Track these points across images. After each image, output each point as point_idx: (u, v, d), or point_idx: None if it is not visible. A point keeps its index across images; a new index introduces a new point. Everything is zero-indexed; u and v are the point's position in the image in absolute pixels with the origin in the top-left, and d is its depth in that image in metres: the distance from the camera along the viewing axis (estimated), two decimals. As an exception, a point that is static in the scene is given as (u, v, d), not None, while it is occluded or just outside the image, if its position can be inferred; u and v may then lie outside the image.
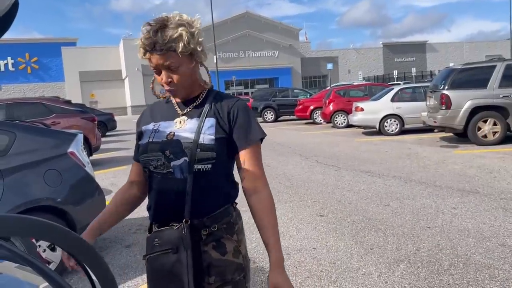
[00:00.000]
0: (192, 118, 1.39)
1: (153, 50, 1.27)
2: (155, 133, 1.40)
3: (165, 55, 1.28)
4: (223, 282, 1.37)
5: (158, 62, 1.29)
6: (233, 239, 1.42)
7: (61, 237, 0.70)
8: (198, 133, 1.34)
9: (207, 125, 1.35)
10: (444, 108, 9.09)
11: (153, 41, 1.26)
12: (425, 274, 3.11)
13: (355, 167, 7.44)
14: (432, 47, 53.50)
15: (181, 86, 1.36)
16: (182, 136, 1.35)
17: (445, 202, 4.90)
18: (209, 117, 1.37)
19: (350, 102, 14.18)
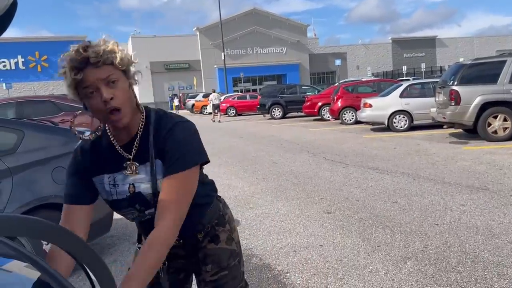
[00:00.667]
0: (142, 163, 1.29)
1: (87, 65, 1.16)
2: (115, 189, 1.32)
3: (101, 68, 1.17)
4: (220, 269, 1.47)
5: (96, 77, 1.16)
6: (226, 229, 1.52)
7: (61, 237, 0.71)
8: (154, 184, 1.28)
9: (159, 170, 1.28)
10: (454, 104, 9.00)
11: (85, 57, 1.15)
12: (432, 271, 3.09)
13: (363, 163, 7.40)
14: (442, 42, 52.96)
15: (123, 104, 1.21)
16: (142, 188, 1.30)
17: (453, 199, 4.86)
18: (157, 159, 1.28)
19: (358, 98, 14.10)
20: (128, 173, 1.30)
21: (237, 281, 1.52)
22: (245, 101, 26.79)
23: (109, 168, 1.33)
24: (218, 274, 1.48)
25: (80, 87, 1.19)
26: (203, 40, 45.06)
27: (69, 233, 0.72)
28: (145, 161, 1.29)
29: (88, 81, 1.16)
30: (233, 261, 1.51)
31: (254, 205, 5.23)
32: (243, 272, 1.59)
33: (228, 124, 19.51)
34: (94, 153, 1.36)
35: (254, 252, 3.71)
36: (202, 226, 1.46)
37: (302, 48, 46.98)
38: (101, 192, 1.37)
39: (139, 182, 1.30)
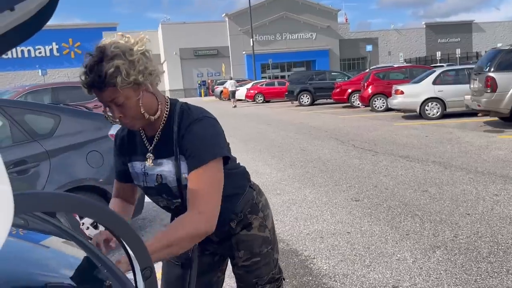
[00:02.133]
0: (166, 156, 1.33)
1: (93, 88, 1.20)
2: (146, 177, 1.39)
3: (105, 91, 1.20)
4: (252, 255, 1.51)
5: (102, 99, 1.22)
6: (259, 216, 1.53)
7: (101, 214, 0.75)
8: (179, 177, 1.32)
9: (183, 165, 1.31)
10: (489, 91, 8.69)
11: (91, 80, 1.19)
12: (462, 261, 3.05)
13: (393, 151, 7.29)
14: (479, 27, 50.93)
15: (134, 119, 1.27)
16: (168, 180, 1.35)
17: (486, 189, 4.74)
18: (181, 154, 1.31)
19: (389, 85, 13.79)
20: (148, 164, 1.36)
21: (269, 267, 1.54)
22: (273, 87, 26.66)
23: (140, 156, 1.40)
24: (250, 260, 1.51)
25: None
26: (232, 26, 44.98)
27: (108, 210, 0.76)
28: (169, 155, 1.33)
29: (98, 98, 1.23)
30: (266, 248, 1.53)
31: (281, 191, 5.26)
32: (277, 259, 1.60)
33: (256, 111, 19.53)
34: (129, 140, 1.43)
35: (281, 237, 3.75)
36: (234, 215, 1.49)
37: (332, 34, 46.18)
38: (134, 177, 1.44)
39: (166, 174, 1.35)
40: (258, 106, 23.10)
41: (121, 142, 1.45)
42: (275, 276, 1.57)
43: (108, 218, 0.74)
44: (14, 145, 3.28)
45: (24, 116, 3.40)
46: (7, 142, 3.32)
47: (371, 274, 2.97)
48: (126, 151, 1.43)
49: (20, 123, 3.33)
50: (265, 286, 1.54)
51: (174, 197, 1.37)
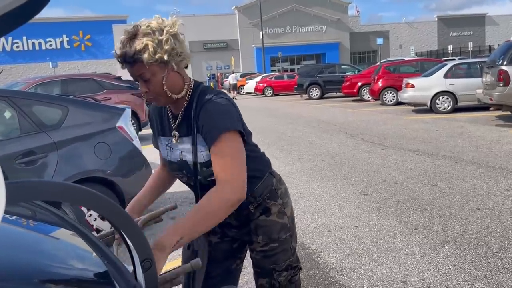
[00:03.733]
0: (185, 135, 1.43)
1: (124, 62, 1.29)
2: (170, 152, 1.48)
3: (134, 66, 1.28)
4: (270, 240, 1.52)
5: (131, 73, 1.31)
6: (277, 203, 1.55)
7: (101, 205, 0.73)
8: (195, 155, 1.40)
9: (199, 143, 1.39)
10: (502, 85, 8.54)
11: (123, 53, 1.28)
12: (472, 256, 3.01)
13: (402, 145, 7.22)
14: (492, 20, 50.08)
15: (158, 95, 1.34)
16: (187, 158, 1.43)
17: (497, 184, 4.67)
18: (198, 133, 1.38)
19: (400, 79, 13.65)
20: (174, 141, 1.46)
21: (287, 255, 1.56)
22: (283, 81, 26.56)
23: (167, 132, 1.49)
24: (268, 246, 1.53)
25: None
26: (241, 19, 44.81)
27: (110, 202, 0.74)
28: (189, 133, 1.41)
29: (129, 73, 1.32)
30: (284, 234, 1.55)
31: (289, 185, 5.23)
32: (295, 248, 1.61)
33: (265, 104, 19.47)
34: (158, 117, 1.53)
35: (288, 231, 3.74)
36: (253, 198, 1.50)
37: (343, 27, 45.78)
38: (161, 151, 1.53)
39: (185, 151, 1.43)
40: (267, 99, 23.04)
41: (151, 118, 1.57)
42: (292, 264, 1.58)
43: (108, 209, 0.72)
44: (22, 136, 3.29)
45: (32, 107, 3.41)
46: (16, 133, 3.34)
47: (378, 268, 2.94)
48: (155, 127, 1.55)
49: (28, 114, 3.34)
50: (281, 273, 1.55)
51: (192, 174, 1.44)
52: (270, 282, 1.55)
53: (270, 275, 1.55)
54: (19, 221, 1.13)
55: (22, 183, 0.62)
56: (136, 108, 9.27)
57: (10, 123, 3.43)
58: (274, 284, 1.55)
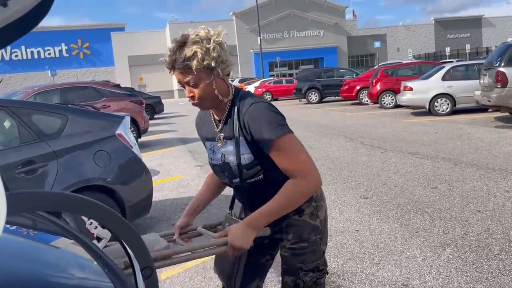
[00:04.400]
0: (228, 138, 1.53)
1: (173, 68, 1.41)
2: (213, 155, 1.60)
3: (183, 72, 1.39)
4: (300, 240, 1.57)
5: (179, 79, 1.42)
6: (311, 205, 1.59)
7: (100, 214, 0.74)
8: (238, 157, 1.50)
9: (242, 146, 1.49)
10: (500, 87, 8.57)
11: (172, 60, 1.39)
12: (473, 258, 3.01)
13: (402, 148, 7.22)
14: (489, 22, 50.27)
15: (203, 100, 1.45)
16: (230, 160, 1.53)
17: (497, 185, 4.67)
18: (241, 136, 1.49)
19: (398, 82, 13.69)
20: (219, 144, 1.56)
21: (315, 256, 1.59)
22: (281, 85, 26.61)
23: (209, 136, 1.61)
24: (297, 244, 1.57)
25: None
26: (239, 24, 44.96)
27: (107, 209, 0.75)
28: (231, 137, 1.51)
29: (177, 78, 1.44)
30: (315, 236, 1.59)
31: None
32: (324, 251, 1.64)
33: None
34: (203, 122, 1.66)
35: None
36: None
37: (340, 31, 45.94)
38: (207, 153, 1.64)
39: (228, 154, 1.53)
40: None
41: (197, 124, 1.71)
42: (320, 266, 1.61)
43: (108, 218, 0.73)
44: (22, 145, 3.30)
45: (31, 117, 3.42)
46: (15, 142, 3.34)
47: (380, 272, 2.94)
48: (201, 132, 1.68)
49: (27, 123, 3.35)
50: (307, 273, 1.58)
51: (234, 176, 1.53)
52: (296, 281, 1.58)
53: (296, 274, 1.58)
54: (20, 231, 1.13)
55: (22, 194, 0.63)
56: (136, 116, 9.28)
57: (10, 133, 3.44)
58: (299, 283, 1.58)
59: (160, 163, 7.45)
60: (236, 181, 1.54)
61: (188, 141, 10.26)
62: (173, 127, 14.17)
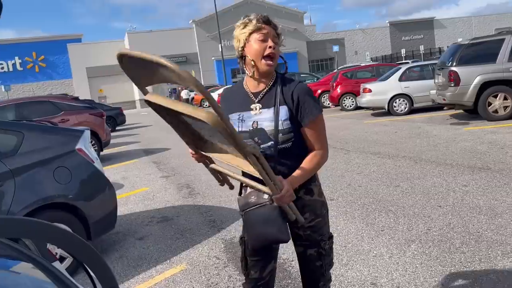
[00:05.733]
0: (268, 107, 1.72)
1: (269, 23, 1.71)
2: (242, 123, 1.74)
3: (275, 30, 1.72)
4: (315, 216, 1.83)
5: (269, 32, 1.70)
6: (317, 184, 1.86)
7: (59, 237, 0.71)
8: (277, 122, 1.70)
9: (282, 113, 1.71)
10: (453, 85, 8.96)
11: (268, 19, 1.72)
12: (436, 253, 3.11)
13: (364, 149, 7.40)
14: (440, 23, 52.52)
15: (275, 59, 1.71)
16: (265, 125, 1.71)
17: (456, 180, 4.87)
18: (282, 105, 1.71)
19: (358, 84, 14.04)
20: (253, 113, 1.73)
21: (327, 226, 1.89)
22: (245, 92, 26.72)
23: (239, 108, 1.77)
24: (314, 221, 1.83)
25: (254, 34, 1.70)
26: (199, 32, 44.85)
27: (68, 232, 0.72)
28: (270, 106, 1.72)
29: (263, 30, 1.69)
30: (324, 210, 1.88)
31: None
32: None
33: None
34: (231, 97, 1.85)
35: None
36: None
37: (300, 36, 46.67)
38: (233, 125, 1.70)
39: (262, 120, 1.71)
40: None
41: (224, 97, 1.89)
42: (331, 233, 1.93)
43: (65, 241, 0.70)
44: (-25, 166, 3.14)
45: (-16, 135, 3.27)
46: (-33, 163, 3.18)
47: (349, 272, 2.99)
48: (227, 104, 1.83)
49: (-20, 142, 3.20)
50: (326, 242, 1.87)
51: (266, 140, 1.70)
52: (318, 251, 1.85)
53: (318, 245, 1.85)
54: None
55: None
56: (96, 128, 9.05)
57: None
58: (321, 252, 1.86)
59: (124, 176, 7.28)
60: (265, 146, 1.71)
61: (152, 152, 10.09)
62: (136, 138, 13.90)
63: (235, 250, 3.60)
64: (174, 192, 5.95)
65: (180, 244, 3.95)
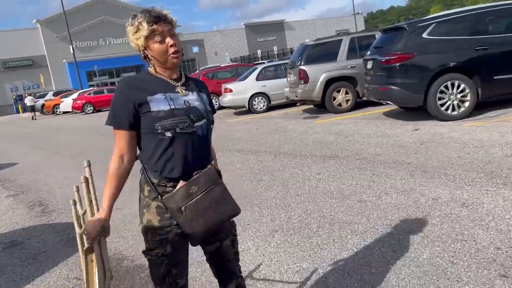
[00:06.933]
0: (191, 91, 1.79)
1: (160, 20, 1.67)
2: (172, 101, 1.70)
3: (167, 23, 1.70)
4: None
5: (170, 29, 1.71)
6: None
7: None
8: (204, 104, 1.79)
9: (204, 98, 1.83)
10: (303, 83, 9.76)
11: (157, 15, 1.67)
12: (297, 239, 3.34)
13: (229, 147, 7.59)
14: (290, 25, 56.77)
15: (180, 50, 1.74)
16: (197, 104, 1.76)
17: (310, 170, 5.30)
18: (201, 92, 1.82)
19: (219, 84, 14.35)
20: (180, 94, 1.75)
21: None
22: (103, 95, 25.22)
23: (162, 90, 1.72)
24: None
25: (150, 37, 1.67)
26: (46, 33, 40.81)
27: None
28: (193, 91, 1.80)
29: (158, 31, 1.67)
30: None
31: (121, 205, 4.97)
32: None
33: (87, 122, 18.14)
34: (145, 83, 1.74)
35: (125, 255, 3.55)
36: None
37: (158, 37, 45.72)
38: (159, 105, 1.68)
39: (192, 101, 1.76)
40: (88, 117, 21.51)
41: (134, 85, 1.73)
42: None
43: None
44: None
45: None
46: None
47: (218, 271, 3.01)
48: (143, 90, 1.71)
49: None
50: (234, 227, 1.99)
51: (200, 118, 1.73)
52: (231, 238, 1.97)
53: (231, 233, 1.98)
54: None
55: None
56: None
57: None
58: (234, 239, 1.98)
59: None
60: (199, 124, 1.73)
61: (-5, 169, 8.84)
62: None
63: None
64: (23, 212, 5.29)
65: (32, 270, 3.52)
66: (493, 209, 3.33)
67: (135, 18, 1.70)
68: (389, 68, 7.10)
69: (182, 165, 1.70)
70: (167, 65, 1.74)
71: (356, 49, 9.78)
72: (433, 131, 6.40)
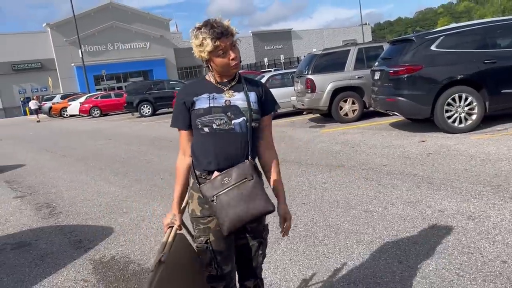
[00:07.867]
0: (238, 91, 1.85)
1: (222, 36, 1.72)
2: (213, 100, 1.82)
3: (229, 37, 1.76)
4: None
5: (231, 42, 1.77)
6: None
7: None
8: (249, 102, 1.84)
9: (252, 96, 1.86)
10: (310, 92, 9.81)
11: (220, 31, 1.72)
12: (303, 248, 3.36)
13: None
14: (297, 34, 57.04)
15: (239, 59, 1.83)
16: (238, 103, 1.83)
17: (316, 178, 5.32)
18: (250, 92, 1.87)
19: (225, 91, 14.40)
20: (225, 94, 1.84)
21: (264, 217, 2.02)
22: (110, 99, 25.38)
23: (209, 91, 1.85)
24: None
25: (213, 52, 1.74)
26: (55, 37, 41.29)
27: None
28: (240, 91, 1.86)
29: (221, 47, 1.74)
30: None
31: (128, 209, 5.02)
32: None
33: (94, 126, 18.26)
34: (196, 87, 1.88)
35: (132, 258, 3.58)
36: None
37: (166, 43, 46.20)
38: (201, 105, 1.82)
39: (235, 100, 1.83)
40: (95, 121, 21.66)
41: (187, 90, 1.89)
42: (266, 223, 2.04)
43: None
44: None
45: None
46: None
47: (224, 277, 3.03)
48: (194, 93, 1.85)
49: None
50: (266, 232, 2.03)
51: (239, 115, 1.81)
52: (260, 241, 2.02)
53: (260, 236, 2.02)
54: None
55: None
56: None
57: None
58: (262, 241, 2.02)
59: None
60: (237, 121, 1.80)
61: (3, 170, 8.92)
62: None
63: (105, 270, 3.39)
64: (31, 213, 5.34)
65: (40, 271, 3.56)
66: (499, 223, 3.34)
67: (199, 31, 1.74)
68: (397, 80, 7.13)
69: (219, 159, 1.80)
70: (227, 74, 1.85)
71: (363, 60, 9.83)
72: (439, 143, 6.41)
